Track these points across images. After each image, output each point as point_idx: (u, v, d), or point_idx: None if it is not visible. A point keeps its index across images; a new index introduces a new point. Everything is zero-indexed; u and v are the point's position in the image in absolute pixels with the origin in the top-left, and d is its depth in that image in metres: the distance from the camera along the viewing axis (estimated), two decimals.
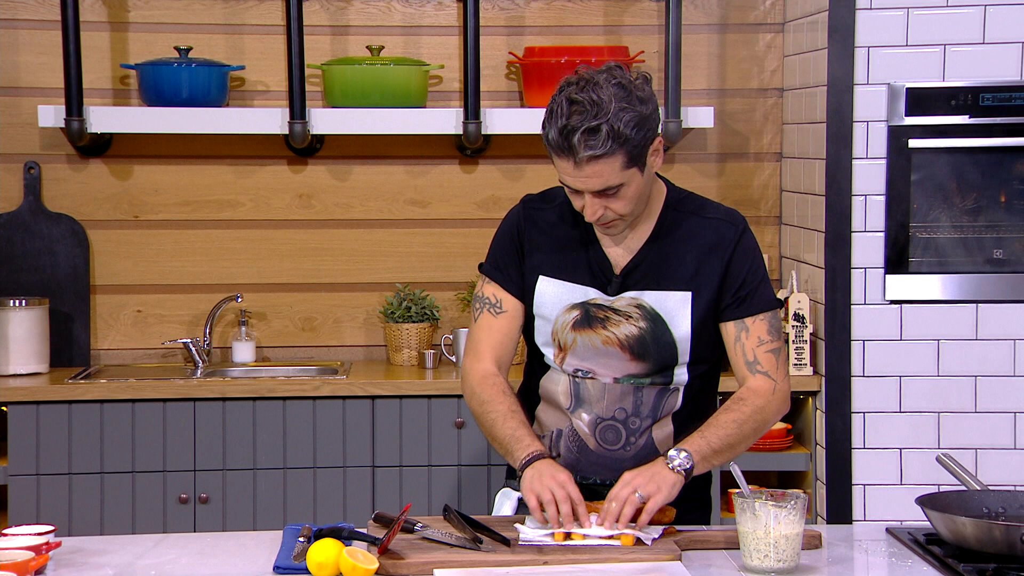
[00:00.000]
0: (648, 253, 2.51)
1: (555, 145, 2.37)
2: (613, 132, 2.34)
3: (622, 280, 2.50)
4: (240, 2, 4.26)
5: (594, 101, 2.34)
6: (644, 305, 2.49)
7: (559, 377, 2.55)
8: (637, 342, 2.49)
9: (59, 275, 4.20)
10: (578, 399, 2.54)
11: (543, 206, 2.58)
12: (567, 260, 2.52)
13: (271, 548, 2.36)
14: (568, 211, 2.53)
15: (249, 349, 4.23)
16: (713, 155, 4.37)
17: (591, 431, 2.53)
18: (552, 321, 2.52)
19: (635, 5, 4.32)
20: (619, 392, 2.51)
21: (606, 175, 2.37)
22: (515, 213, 2.60)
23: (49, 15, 4.15)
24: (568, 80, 2.40)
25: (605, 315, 2.50)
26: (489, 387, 2.53)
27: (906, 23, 3.76)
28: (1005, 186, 3.86)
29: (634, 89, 2.37)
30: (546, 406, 2.59)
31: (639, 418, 2.52)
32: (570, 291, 2.51)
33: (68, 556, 2.31)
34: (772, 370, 2.50)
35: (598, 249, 2.52)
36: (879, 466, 3.82)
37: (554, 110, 2.37)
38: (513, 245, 2.57)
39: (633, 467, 2.43)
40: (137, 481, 3.86)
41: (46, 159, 4.23)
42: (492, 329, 2.56)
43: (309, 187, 4.31)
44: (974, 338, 3.79)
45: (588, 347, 2.50)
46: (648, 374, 2.51)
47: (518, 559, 2.25)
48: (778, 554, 2.20)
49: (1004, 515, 2.36)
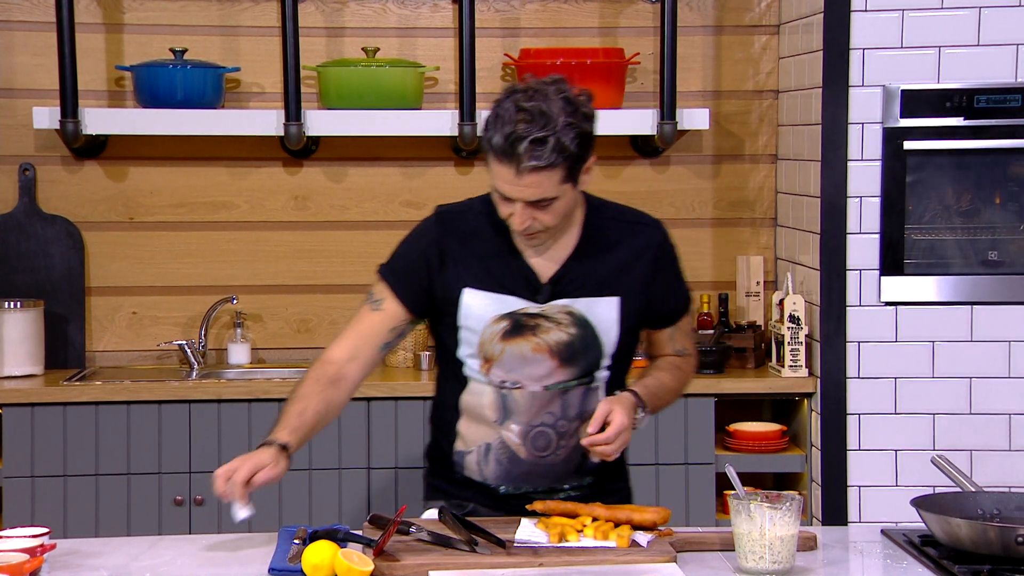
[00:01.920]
0: (575, 261, 2.51)
1: (498, 151, 2.35)
2: (559, 145, 2.33)
3: (551, 288, 2.50)
4: (235, 4, 4.26)
5: (543, 112, 2.33)
6: (574, 312, 2.50)
7: (483, 389, 2.53)
8: (566, 348, 2.49)
9: (54, 277, 4.20)
10: (506, 410, 2.52)
11: (461, 217, 2.55)
12: (493, 271, 2.50)
13: (266, 550, 2.36)
14: (487, 223, 2.52)
15: (244, 351, 4.23)
16: (708, 157, 4.37)
17: (522, 440, 2.52)
18: (479, 332, 2.50)
19: (631, 7, 4.33)
20: (547, 398, 2.51)
21: (544, 187, 2.37)
22: (429, 226, 2.57)
23: (44, 16, 4.15)
24: (514, 88, 2.39)
25: (536, 323, 2.49)
26: (314, 371, 2.51)
27: (901, 25, 3.76)
28: (1000, 188, 3.86)
29: (580, 105, 2.38)
30: (469, 421, 2.56)
31: (567, 420, 2.52)
32: (498, 302, 2.49)
33: (63, 558, 2.31)
34: (693, 349, 2.70)
35: (523, 260, 2.51)
36: (874, 467, 3.82)
37: (500, 116, 2.35)
38: (421, 259, 2.53)
39: (564, 471, 2.53)
40: (132, 483, 3.85)
41: (41, 161, 4.23)
42: (362, 321, 2.54)
43: (304, 189, 4.31)
44: (969, 340, 3.80)
45: (516, 356, 2.49)
46: (574, 378, 2.52)
47: (513, 561, 2.25)
48: (773, 556, 2.20)
49: (999, 517, 2.36)
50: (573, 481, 2.56)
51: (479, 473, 2.55)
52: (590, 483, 2.58)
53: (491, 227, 2.51)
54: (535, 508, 2.44)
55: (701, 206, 4.37)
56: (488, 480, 2.55)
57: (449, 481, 2.59)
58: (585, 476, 2.57)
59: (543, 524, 2.38)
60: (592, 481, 2.58)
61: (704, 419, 3.94)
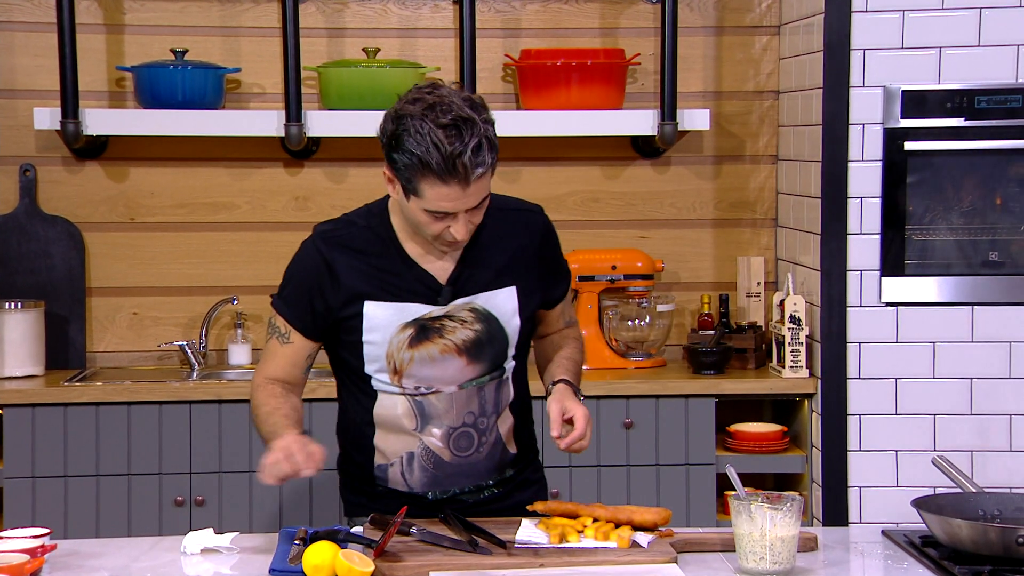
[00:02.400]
0: (468, 258, 2.51)
1: (441, 171, 2.30)
2: (490, 143, 2.35)
3: (452, 288, 2.50)
4: (236, 4, 4.26)
5: (464, 119, 2.31)
6: (477, 307, 2.51)
7: (395, 401, 2.52)
8: (474, 344, 2.50)
9: (55, 277, 4.20)
10: (424, 416, 2.52)
11: (343, 235, 2.52)
12: (390, 282, 2.49)
13: (267, 551, 2.36)
14: (372, 236, 2.50)
15: (245, 351, 4.23)
16: (709, 158, 4.37)
17: (444, 444, 2.53)
18: (385, 344, 2.49)
19: (631, 7, 4.33)
20: (465, 397, 2.52)
21: (483, 189, 2.38)
22: (313, 247, 2.53)
23: (45, 17, 4.15)
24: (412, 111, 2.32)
25: (440, 324, 2.49)
26: (260, 391, 2.54)
27: (901, 25, 3.76)
28: (1001, 188, 3.86)
29: (474, 97, 2.38)
30: (385, 433, 2.55)
31: (486, 416, 2.54)
32: (401, 311, 2.48)
33: (63, 559, 2.31)
34: (575, 316, 2.77)
35: (417, 267, 2.50)
36: (875, 468, 3.82)
37: (423, 140, 2.29)
38: (315, 281, 2.51)
39: (487, 467, 2.55)
40: (133, 484, 3.85)
41: (42, 161, 4.23)
42: (278, 355, 2.57)
43: (305, 189, 4.31)
44: (970, 340, 3.80)
45: (425, 360, 2.49)
46: (485, 373, 2.54)
47: (514, 561, 2.25)
48: (774, 556, 2.20)
49: (1000, 517, 2.36)
50: (496, 476, 2.59)
51: (404, 484, 2.55)
52: (511, 475, 2.61)
53: (377, 240, 2.51)
54: (536, 508, 2.44)
55: (702, 207, 4.37)
56: (415, 489, 2.55)
57: (371, 496, 2.58)
58: (506, 469, 2.60)
59: (544, 525, 2.38)
60: (512, 473, 2.61)
61: (705, 420, 3.94)
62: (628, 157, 4.35)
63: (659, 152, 4.33)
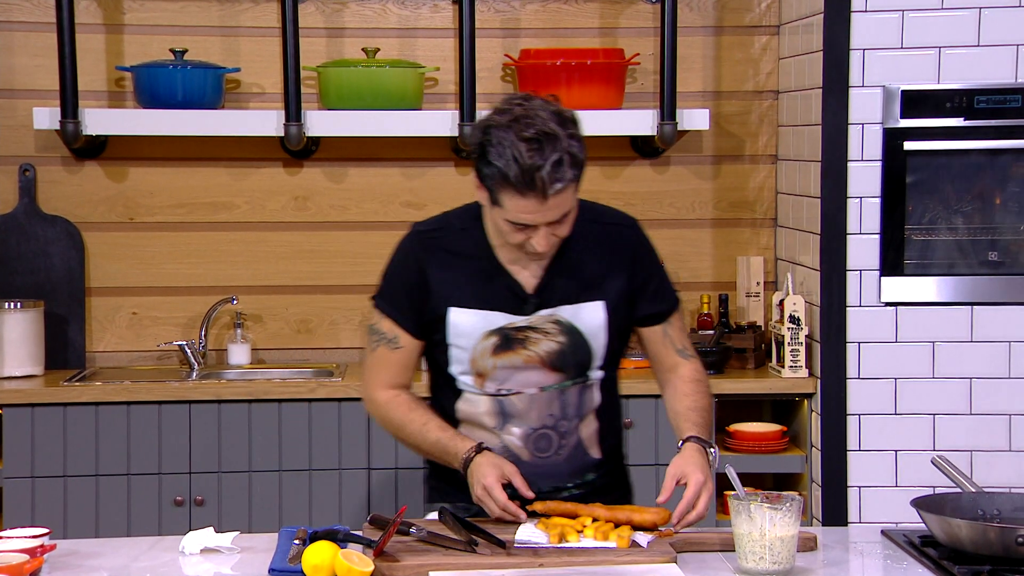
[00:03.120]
0: (556, 269, 2.51)
1: (520, 184, 2.33)
2: (572, 159, 2.35)
3: (537, 299, 2.51)
4: (235, 4, 4.26)
5: (547, 134, 2.33)
6: (561, 320, 2.51)
7: (478, 399, 2.54)
8: (557, 356, 2.51)
9: (54, 277, 4.20)
10: (505, 416, 2.54)
11: (439, 236, 2.55)
12: (478, 289, 2.51)
13: (266, 551, 2.36)
14: (467, 240, 2.53)
15: (245, 351, 4.23)
16: (708, 157, 4.37)
17: (524, 444, 2.54)
18: (469, 350, 2.51)
19: (631, 7, 4.33)
20: (546, 399, 2.52)
21: (565, 204, 2.38)
22: (409, 247, 2.57)
23: (44, 17, 4.15)
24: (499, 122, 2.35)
25: (524, 335, 2.50)
26: (396, 408, 2.58)
27: (901, 25, 3.76)
28: (1000, 188, 3.86)
29: (565, 112, 2.39)
30: (468, 428, 2.57)
31: (567, 420, 2.54)
32: (485, 318, 2.50)
33: (63, 559, 2.31)
34: (693, 349, 2.66)
35: (507, 274, 2.51)
36: (874, 468, 3.82)
37: (504, 152, 2.33)
38: (410, 281, 2.54)
39: (567, 470, 2.54)
40: (132, 483, 3.85)
41: (41, 161, 4.23)
42: (388, 362, 2.58)
43: (305, 189, 4.31)
44: (969, 340, 3.80)
45: (508, 368, 2.51)
46: (568, 379, 2.54)
47: (513, 561, 2.25)
48: (773, 556, 2.20)
49: (999, 517, 2.36)
50: (576, 479, 2.58)
51: None
52: (592, 480, 2.59)
53: (471, 244, 2.52)
54: (535, 508, 2.44)
55: (701, 206, 4.37)
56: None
57: (452, 484, 2.59)
58: (587, 473, 2.58)
59: (543, 525, 2.38)
60: (594, 478, 2.59)
61: None
62: (628, 157, 4.35)
63: (659, 152, 4.33)
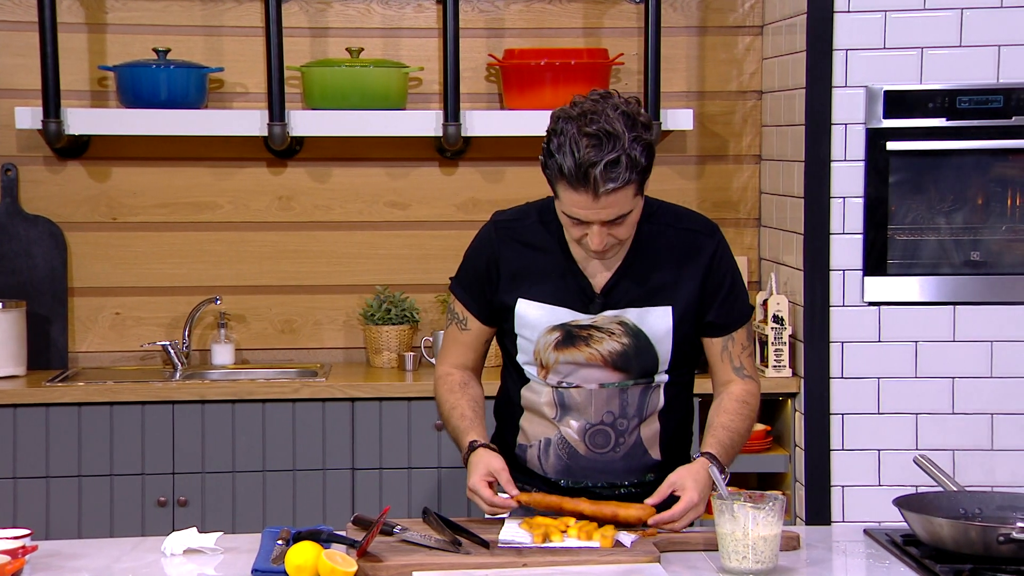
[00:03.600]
0: (627, 270, 2.51)
1: (572, 178, 2.34)
2: (631, 162, 2.33)
3: (603, 299, 2.51)
4: (219, 4, 4.25)
5: (609, 133, 2.33)
6: (626, 322, 2.51)
7: (541, 389, 2.56)
8: (620, 357, 2.51)
9: (36, 277, 4.18)
10: (564, 408, 2.55)
11: (516, 227, 2.57)
12: (547, 282, 2.52)
13: (249, 551, 2.36)
14: (544, 232, 2.54)
15: (228, 351, 4.22)
16: (692, 157, 4.38)
17: (580, 437, 2.55)
18: (534, 342, 2.53)
19: (614, 7, 4.33)
20: (605, 396, 2.53)
21: (620, 205, 2.37)
22: (488, 235, 2.60)
23: (26, 16, 4.13)
24: (568, 114, 2.37)
25: (588, 333, 2.51)
26: (443, 384, 2.64)
27: (883, 26, 3.77)
28: (982, 188, 3.88)
29: (638, 116, 2.38)
30: (530, 415, 2.60)
31: (626, 419, 2.54)
32: (551, 313, 2.52)
33: (44, 560, 2.30)
34: (754, 372, 2.62)
35: (577, 271, 2.52)
36: (857, 467, 3.83)
37: (564, 144, 2.34)
38: (484, 268, 2.57)
39: (624, 468, 2.54)
40: (115, 484, 3.84)
41: (23, 161, 4.21)
42: (457, 342, 2.65)
43: (288, 189, 4.30)
44: (951, 340, 3.81)
45: (571, 363, 2.53)
46: (630, 378, 2.54)
47: (497, 561, 2.25)
48: (756, 555, 2.20)
49: (980, 516, 2.37)
50: (633, 478, 2.58)
51: (539, 467, 2.59)
52: (651, 480, 2.58)
53: (547, 236, 2.53)
54: (519, 499, 2.43)
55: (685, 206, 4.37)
56: (548, 474, 2.59)
57: (518, 472, 2.59)
58: (647, 473, 2.58)
59: (527, 524, 2.38)
60: (653, 479, 2.57)
61: None
62: None
63: None
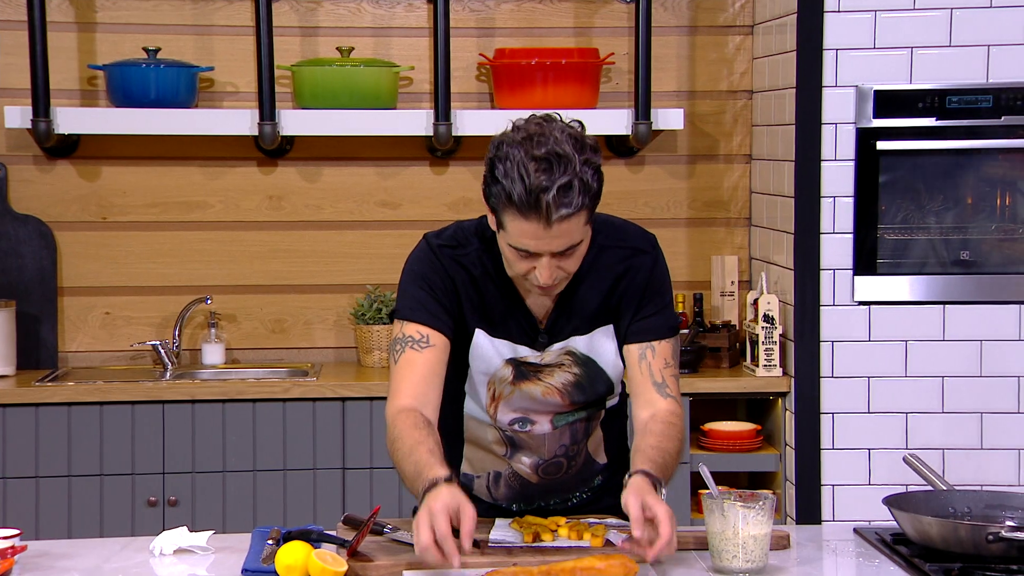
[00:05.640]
0: (569, 298, 2.39)
1: (522, 206, 2.16)
2: (583, 186, 2.18)
3: (549, 335, 2.40)
4: (209, 3, 4.25)
5: (559, 155, 2.17)
6: (574, 352, 2.41)
7: (487, 429, 2.46)
8: (575, 387, 2.43)
9: (26, 277, 4.17)
10: (515, 446, 2.47)
11: (459, 255, 2.37)
12: (496, 316, 2.38)
13: (239, 551, 2.35)
14: (490, 263, 2.36)
15: (218, 351, 4.22)
16: (683, 157, 4.38)
17: (533, 471, 2.49)
18: (488, 375, 2.41)
19: (605, 7, 4.33)
20: (558, 435, 2.47)
21: (571, 234, 2.20)
22: (432, 256, 2.37)
23: (15, 15, 4.12)
24: (512, 138, 2.21)
25: (537, 369, 2.41)
26: (403, 421, 2.29)
27: (873, 26, 3.78)
28: (972, 188, 3.89)
29: (585, 139, 2.23)
30: (475, 449, 2.50)
31: (576, 444, 2.49)
32: (502, 348, 2.40)
33: (34, 560, 2.30)
34: (677, 394, 2.44)
35: (521, 303, 2.38)
36: (847, 466, 3.84)
37: (511, 170, 2.16)
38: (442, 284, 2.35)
39: (576, 482, 2.51)
40: (105, 484, 3.83)
41: (13, 160, 4.20)
42: (415, 365, 2.33)
43: (279, 188, 4.30)
44: (941, 339, 3.82)
45: (526, 397, 2.42)
46: (583, 409, 2.47)
47: (487, 560, 2.25)
48: (746, 555, 2.20)
49: (970, 515, 2.38)
50: (584, 488, 2.56)
51: (488, 496, 2.53)
52: (599, 484, 2.56)
53: (488, 267, 2.37)
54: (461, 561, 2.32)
55: (676, 206, 4.38)
56: (499, 501, 2.53)
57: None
58: (595, 479, 2.56)
59: (517, 524, 2.38)
60: (601, 482, 2.56)
61: None
62: (602, 156, 4.34)
63: (633, 151, 4.34)
